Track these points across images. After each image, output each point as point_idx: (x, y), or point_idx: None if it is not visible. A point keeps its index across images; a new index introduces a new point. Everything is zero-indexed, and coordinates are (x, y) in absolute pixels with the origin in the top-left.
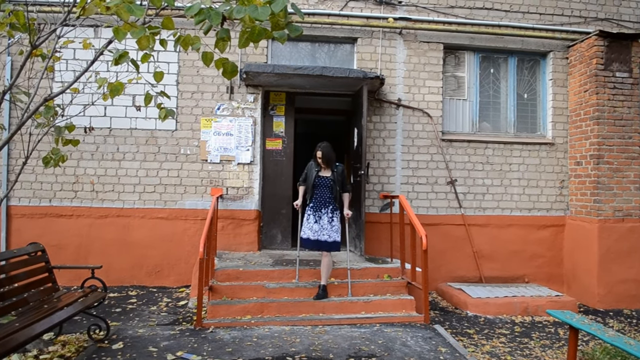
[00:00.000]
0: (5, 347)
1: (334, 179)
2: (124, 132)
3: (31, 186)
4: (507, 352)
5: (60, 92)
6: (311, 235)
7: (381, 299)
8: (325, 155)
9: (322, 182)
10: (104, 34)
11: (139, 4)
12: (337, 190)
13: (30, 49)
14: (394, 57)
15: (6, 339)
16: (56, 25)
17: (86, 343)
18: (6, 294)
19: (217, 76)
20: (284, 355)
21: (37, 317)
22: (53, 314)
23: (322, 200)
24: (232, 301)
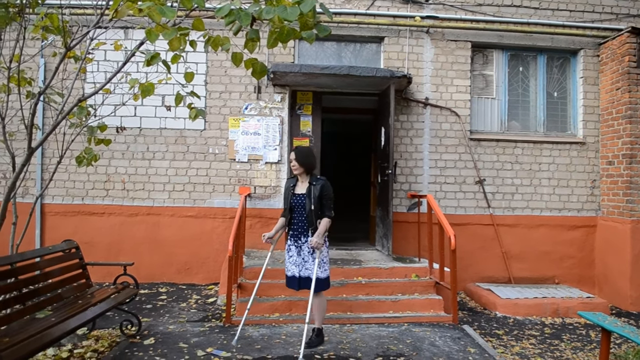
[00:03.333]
0: (42, 341)
1: (309, 196)
2: (154, 131)
3: (64, 185)
4: (537, 353)
5: (93, 92)
6: (296, 272)
7: (409, 298)
8: (300, 160)
9: (298, 202)
10: (134, 36)
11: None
12: (312, 210)
13: (65, 51)
14: (421, 56)
15: (43, 333)
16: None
17: (118, 338)
18: (41, 289)
19: (245, 76)
20: (313, 353)
21: (71, 313)
22: (87, 310)
23: (299, 225)
24: (261, 299)
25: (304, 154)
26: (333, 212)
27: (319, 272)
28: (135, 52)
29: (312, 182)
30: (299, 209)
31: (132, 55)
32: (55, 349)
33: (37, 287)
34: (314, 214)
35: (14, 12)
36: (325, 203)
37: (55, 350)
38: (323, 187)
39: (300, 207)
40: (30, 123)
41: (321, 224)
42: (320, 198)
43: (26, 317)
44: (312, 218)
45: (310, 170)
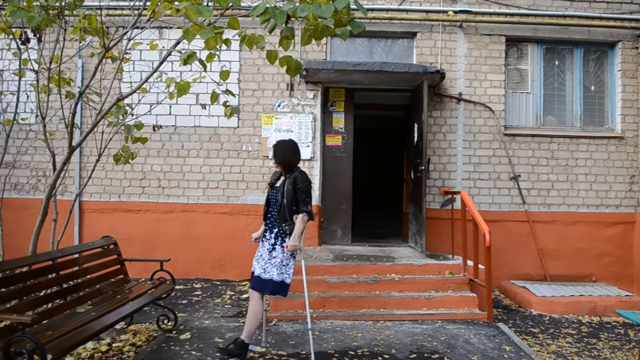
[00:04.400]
0: (83, 335)
1: (282, 190)
2: (188, 129)
3: (102, 182)
4: (574, 352)
5: (131, 92)
6: (256, 267)
7: (443, 295)
8: (279, 152)
9: (273, 196)
10: (169, 35)
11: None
12: (283, 204)
13: (104, 51)
14: (454, 51)
15: (83, 327)
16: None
17: (155, 333)
18: (81, 285)
19: (277, 74)
20: (346, 350)
21: (110, 307)
22: (125, 305)
23: (270, 220)
24: (294, 295)
25: (282, 151)
26: (310, 207)
27: (274, 271)
28: (172, 51)
29: (288, 174)
30: (274, 203)
31: (169, 54)
32: (94, 343)
33: (77, 282)
34: (286, 209)
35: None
36: (300, 197)
37: (94, 344)
38: (296, 180)
39: (274, 202)
40: (70, 122)
41: (296, 223)
42: (295, 191)
43: (67, 311)
44: (284, 213)
45: (291, 167)
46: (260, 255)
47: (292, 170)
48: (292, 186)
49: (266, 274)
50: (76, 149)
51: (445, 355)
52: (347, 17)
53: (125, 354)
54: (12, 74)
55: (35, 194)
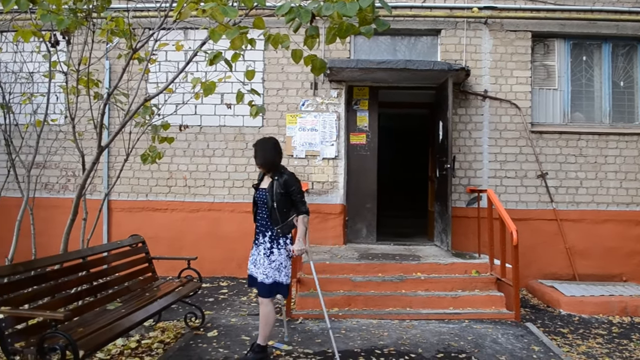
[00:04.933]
0: (113, 332)
1: (271, 192)
2: (214, 129)
3: (129, 182)
4: (605, 353)
5: (158, 92)
6: (253, 270)
7: (469, 294)
8: (260, 152)
9: (261, 198)
10: (193, 36)
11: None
12: (274, 208)
13: (132, 52)
14: (479, 48)
15: (114, 324)
16: (152, 29)
17: (183, 330)
18: (110, 282)
19: (301, 73)
20: (373, 348)
21: (139, 305)
22: (153, 302)
23: (260, 223)
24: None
25: (262, 151)
26: (307, 206)
27: (276, 274)
28: (198, 51)
29: (275, 176)
30: (262, 205)
31: (195, 54)
32: (123, 339)
33: (107, 280)
34: (277, 212)
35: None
36: (295, 198)
37: (123, 341)
38: (287, 183)
39: (263, 203)
40: (99, 123)
41: (299, 225)
42: (288, 194)
43: (97, 308)
44: (276, 216)
45: (275, 168)
46: (258, 261)
47: (279, 171)
48: (283, 189)
49: (269, 278)
50: (105, 149)
51: (472, 355)
52: (371, 15)
53: (154, 350)
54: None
55: (65, 194)
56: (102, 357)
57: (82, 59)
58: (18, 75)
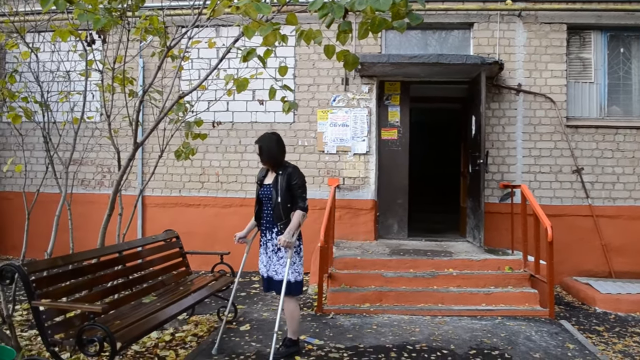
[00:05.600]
0: (149, 325)
1: (276, 187)
2: (245, 125)
3: (163, 178)
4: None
5: (192, 89)
6: (264, 271)
7: (502, 291)
8: (265, 149)
9: (265, 194)
10: (224, 33)
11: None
12: (279, 202)
13: (166, 50)
14: (513, 41)
15: (149, 317)
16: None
17: (216, 324)
18: (145, 276)
19: (332, 68)
20: (405, 344)
21: (174, 299)
22: (187, 296)
23: (266, 219)
24: (351, 289)
25: (267, 148)
26: (307, 203)
27: (284, 271)
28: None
29: (279, 171)
30: (267, 201)
31: (228, 51)
32: (158, 332)
33: (142, 274)
34: (281, 207)
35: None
36: (296, 193)
37: (158, 333)
38: (291, 176)
39: (268, 199)
40: (135, 120)
41: (293, 219)
42: (289, 188)
43: (132, 302)
44: (279, 212)
45: (280, 163)
46: (268, 259)
47: (283, 166)
48: (286, 182)
49: (278, 275)
50: (140, 146)
51: (506, 352)
52: (404, 10)
53: (187, 343)
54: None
55: (101, 190)
56: (137, 349)
57: (117, 58)
58: (55, 74)
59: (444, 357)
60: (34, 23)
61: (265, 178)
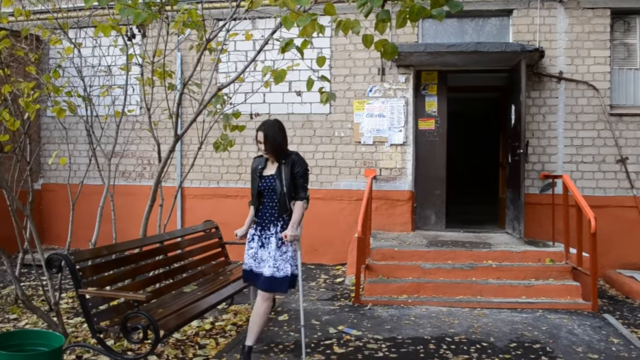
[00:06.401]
0: (191, 313)
1: (280, 178)
2: (282, 117)
3: (201, 169)
4: None
5: (230, 81)
6: (254, 265)
7: (543, 283)
8: (270, 138)
9: (267, 185)
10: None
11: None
12: (284, 194)
13: (205, 43)
14: (554, 27)
15: (191, 306)
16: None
17: None
18: (186, 266)
19: (368, 59)
20: (443, 336)
21: (214, 288)
22: (227, 286)
23: (268, 213)
24: (388, 280)
25: (274, 136)
26: (308, 193)
27: (286, 267)
28: (269, 39)
29: (282, 160)
30: (269, 194)
31: (266, 43)
32: (198, 321)
33: (183, 264)
34: (287, 198)
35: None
36: (298, 182)
37: (198, 322)
38: (295, 163)
39: (270, 191)
40: (176, 112)
41: (295, 211)
42: (293, 177)
43: (173, 291)
44: (285, 204)
45: (283, 152)
46: (264, 254)
47: (286, 154)
48: (290, 171)
49: (280, 271)
50: (181, 138)
51: (547, 346)
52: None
53: (227, 332)
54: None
55: (141, 181)
56: (178, 337)
57: (156, 51)
58: (97, 68)
59: (484, 349)
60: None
61: (264, 169)
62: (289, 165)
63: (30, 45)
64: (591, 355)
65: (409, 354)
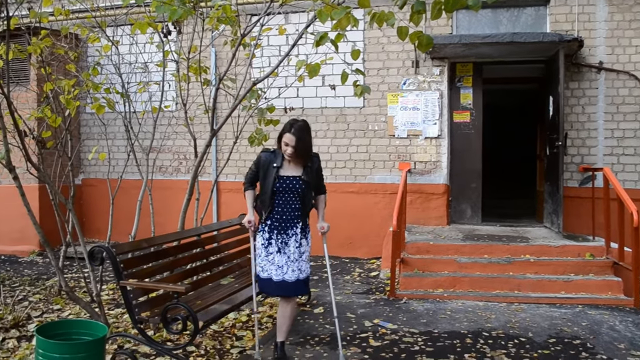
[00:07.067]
0: (228, 305)
1: (307, 180)
2: (315, 111)
3: (236, 164)
4: None
5: (265, 76)
6: (275, 275)
7: (583, 279)
8: (301, 142)
9: (288, 187)
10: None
11: None
12: (311, 196)
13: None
14: (593, 16)
15: (228, 297)
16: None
17: None
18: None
19: (402, 51)
20: (480, 330)
21: (250, 281)
22: None
23: (288, 215)
24: (423, 274)
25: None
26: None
27: (307, 268)
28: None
29: (308, 162)
30: (290, 195)
31: (300, 36)
32: (235, 313)
33: (219, 257)
34: (311, 199)
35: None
36: (322, 180)
37: (235, 314)
38: (315, 162)
39: (292, 193)
40: (212, 107)
41: (323, 204)
42: (318, 177)
43: (210, 283)
44: (310, 205)
45: (308, 154)
46: (288, 258)
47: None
48: (317, 173)
49: (303, 273)
50: (217, 132)
51: (588, 342)
52: None
53: (263, 324)
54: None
55: (177, 176)
56: (215, 329)
57: (191, 48)
58: (134, 65)
59: (522, 344)
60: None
61: (281, 168)
62: (315, 168)
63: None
64: (634, 352)
65: (445, 348)
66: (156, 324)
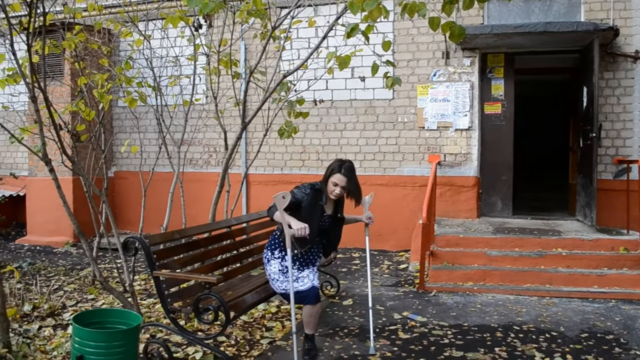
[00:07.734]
0: (258, 297)
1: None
2: (344, 103)
3: (265, 156)
4: None
5: (296, 68)
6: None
7: (617, 273)
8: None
9: (326, 225)
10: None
11: None
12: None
13: (271, 31)
14: (630, 4)
15: (258, 289)
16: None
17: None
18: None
19: (432, 42)
20: (510, 324)
21: None
22: None
23: (316, 250)
24: (453, 267)
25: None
26: None
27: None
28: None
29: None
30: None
31: (331, 29)
32: (265, 304)
33: (249, 249)
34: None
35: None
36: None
37: (265, 305)
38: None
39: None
40: (243, 100)
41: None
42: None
43: (240, 275)
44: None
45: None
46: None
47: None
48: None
49: (315, 279)
50: (248, 124)
51: (621, 337)
52: None
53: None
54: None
55: (208, 168)
56: (245, 320)
57: (221, 41)
58: (165, 59)
59: (554, 339)
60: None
61: (316, 206)
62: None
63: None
64: None
65: (475, 341)
66: (188, 314)
